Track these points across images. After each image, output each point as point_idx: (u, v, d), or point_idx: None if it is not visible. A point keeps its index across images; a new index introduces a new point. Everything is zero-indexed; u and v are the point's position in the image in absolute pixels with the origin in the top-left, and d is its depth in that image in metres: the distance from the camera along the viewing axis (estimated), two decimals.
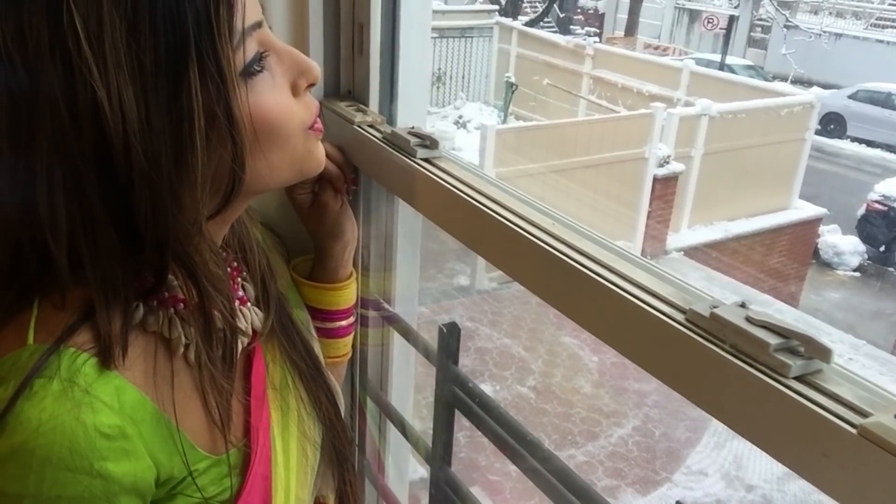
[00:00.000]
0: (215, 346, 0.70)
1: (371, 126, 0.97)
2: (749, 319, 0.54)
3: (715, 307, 0.56)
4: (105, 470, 0.59)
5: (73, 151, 0.58)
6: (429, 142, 0.89)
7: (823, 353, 0.51)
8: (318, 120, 0.75)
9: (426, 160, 0.88)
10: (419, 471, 1.14)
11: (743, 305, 0.56)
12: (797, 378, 0.51)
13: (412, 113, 1.06)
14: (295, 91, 0.70)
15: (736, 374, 0.52)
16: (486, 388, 5.98)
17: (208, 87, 0.59)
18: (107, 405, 0.60)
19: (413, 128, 0.93)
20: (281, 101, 0.68)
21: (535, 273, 0.70)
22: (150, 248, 0.62)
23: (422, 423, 1.31)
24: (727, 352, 0.53)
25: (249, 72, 0.64)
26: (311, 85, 0.72)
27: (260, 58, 0.65)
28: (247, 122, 0.63)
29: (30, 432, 0.57)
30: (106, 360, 0.62)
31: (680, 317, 0.58)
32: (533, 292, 0.70)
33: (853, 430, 0.46)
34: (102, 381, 0.61)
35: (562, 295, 0.68)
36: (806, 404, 0.48)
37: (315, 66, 0.71)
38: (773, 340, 0.52)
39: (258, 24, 0.65)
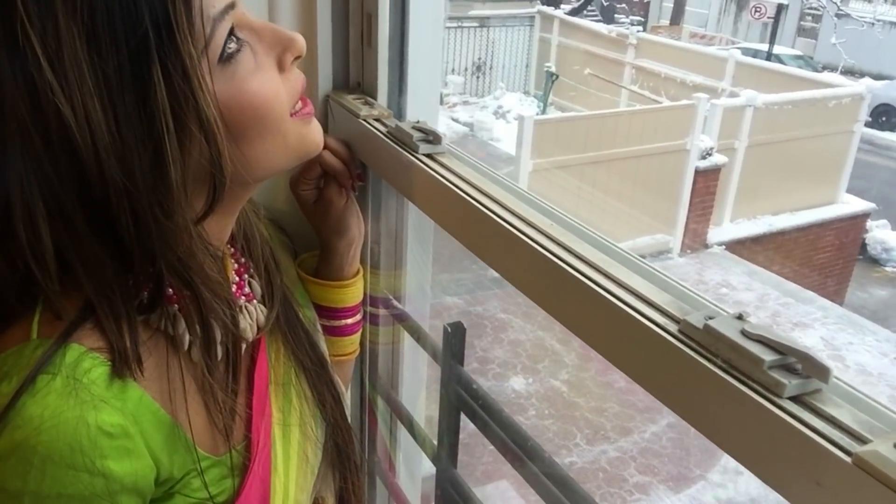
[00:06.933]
0: (216, 351, 0.69)
1: (377, 120, 0.95)
2: (745, 333, 0.51)
3: (710, 318, 0.53)
4: (106, 468, 0.58)
5: (48, 172, 0.56)
6: (432, 137, 0.86)
7: (821, 371, 0.47)
8: (308, 102, 0.72)
9: (428, 155, 0.86)
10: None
11: (740, 317, 0.53)
12: (792, 398, 0.47)
13: (422, 106, 1.03)
14: (282, 66, 0.68)
15: (727, 392, 0.49)
16: (519, 381, 5.95)
17: (174, 89, 0.57)
18: (110, 403, 0.59)
19: (418, 122, 0.91)
20: (266, 83, 0.65)
21: (526, 274, 0.68)
22: (140, 260, 0.61)
23: None
24: (719, 367, 0.50)
25: (227, 56, 0.62)
26: (298, 58, 0.69)
27: (234, 39, 0.63)
28: (229, 114, 0.62)
29: (32, 429, 0.56)
30: (120, 371, 0.61)
31: (673, 328, 0.54)
32: (524, 293, 0.67)
33: (848, 459, 0.43)
34: (107, 379, 0.60)
35: (552, 298, 0.65)
36: (799, 428, 0.45)
37: (298, 36, 0.68)
38: (768, 357, 0.48)
39: (230, 6, 0.63)
